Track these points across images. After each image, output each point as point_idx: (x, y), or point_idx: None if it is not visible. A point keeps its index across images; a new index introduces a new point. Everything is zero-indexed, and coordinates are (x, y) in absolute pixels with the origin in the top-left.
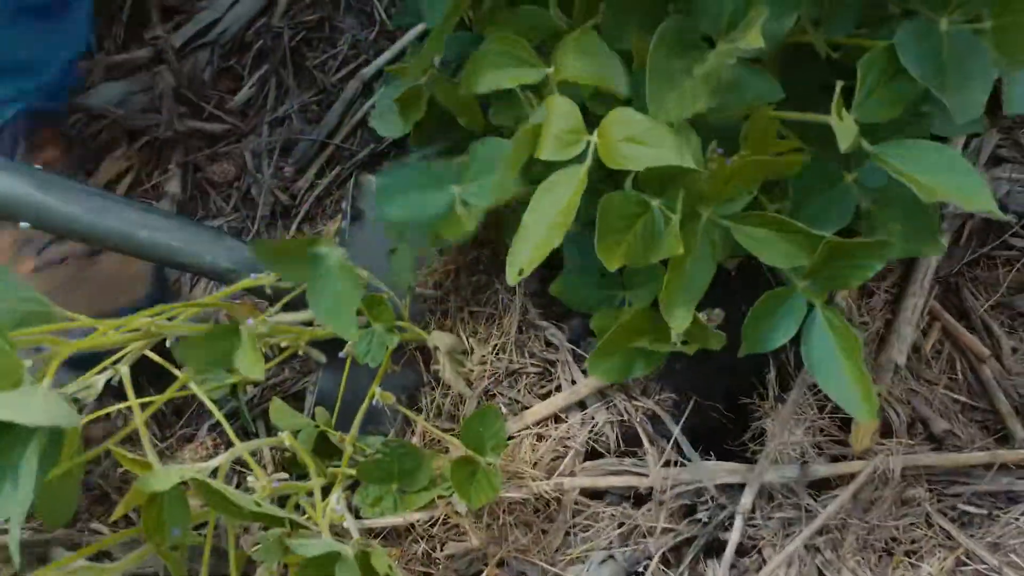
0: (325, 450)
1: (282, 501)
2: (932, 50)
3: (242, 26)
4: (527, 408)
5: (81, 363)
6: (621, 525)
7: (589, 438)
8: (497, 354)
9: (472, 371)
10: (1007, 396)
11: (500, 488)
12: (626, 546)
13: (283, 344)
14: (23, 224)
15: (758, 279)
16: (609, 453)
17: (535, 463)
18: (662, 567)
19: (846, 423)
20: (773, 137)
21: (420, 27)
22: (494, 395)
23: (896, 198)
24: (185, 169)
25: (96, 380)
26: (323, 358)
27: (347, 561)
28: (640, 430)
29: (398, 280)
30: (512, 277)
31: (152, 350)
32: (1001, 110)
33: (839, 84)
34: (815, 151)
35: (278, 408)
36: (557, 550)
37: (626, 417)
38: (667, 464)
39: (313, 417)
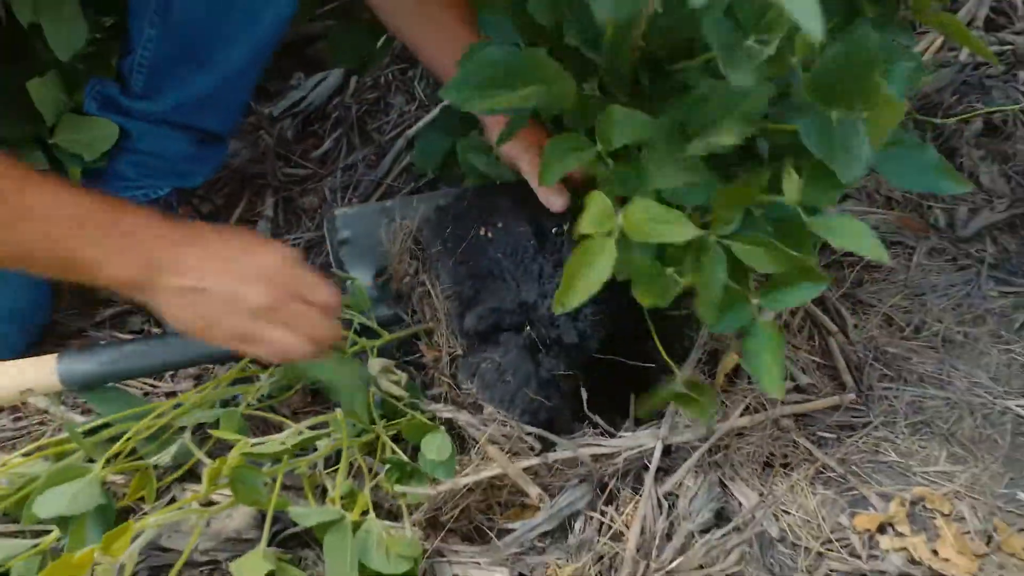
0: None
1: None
2: (828, 133)
3: (323, 101)
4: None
5: None
6: (589, 466)
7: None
8: (443, 337)
9: (400, 381)
10: (848, 358)
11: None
12: (592, 476)
13: None
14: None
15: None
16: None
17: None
18: (619, 480)
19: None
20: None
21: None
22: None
23: (789, 228)
24: (278, 201)
25: (167, 452)
26: None
27: (342, 527)
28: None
29: (357, 301)
30: (557, 309)
31: None
32: None
33: (795, 175)
34: None
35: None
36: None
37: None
38: (604, 435)
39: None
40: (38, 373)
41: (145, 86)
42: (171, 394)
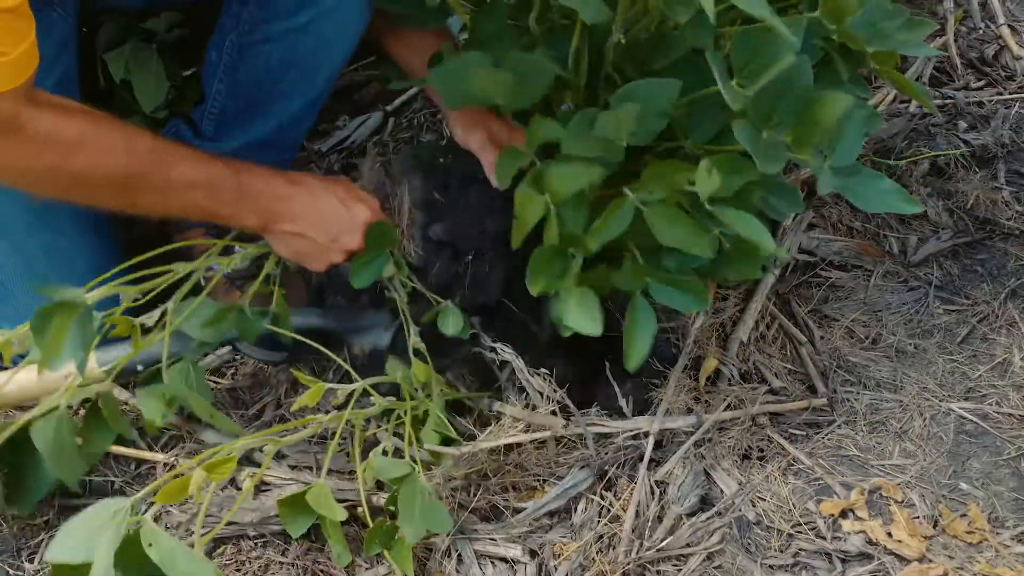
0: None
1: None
2: (759, 146)
3: (364, 139)
4: None
5: None
6: (591, 452)
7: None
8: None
9: None
10: (816, 366)
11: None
12: (593, 462)
13: None
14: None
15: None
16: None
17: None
18: (617, 468)
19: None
20: None
21: None
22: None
23: (738, 248)
24: None
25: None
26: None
27: (413, 480)
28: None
29: None
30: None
31: None
32: (815, 195)
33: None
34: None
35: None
36: (557, 462)
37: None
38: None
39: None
40: None
41: (214, 131)
42: None
